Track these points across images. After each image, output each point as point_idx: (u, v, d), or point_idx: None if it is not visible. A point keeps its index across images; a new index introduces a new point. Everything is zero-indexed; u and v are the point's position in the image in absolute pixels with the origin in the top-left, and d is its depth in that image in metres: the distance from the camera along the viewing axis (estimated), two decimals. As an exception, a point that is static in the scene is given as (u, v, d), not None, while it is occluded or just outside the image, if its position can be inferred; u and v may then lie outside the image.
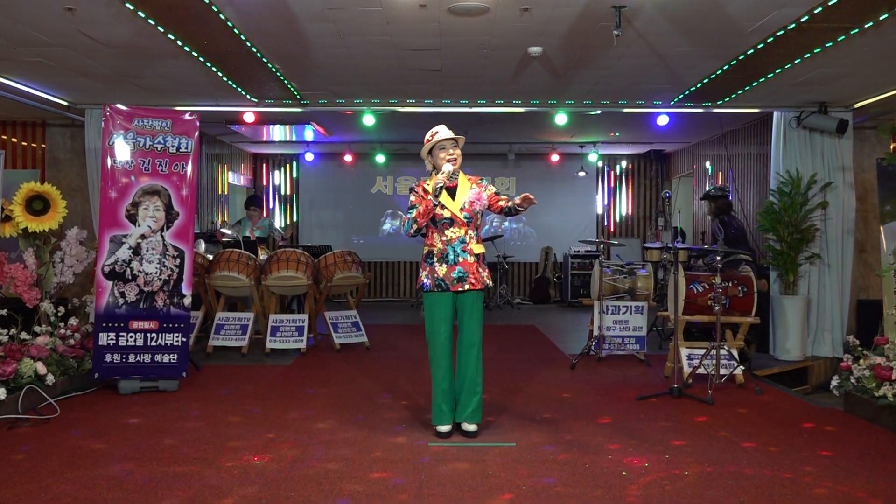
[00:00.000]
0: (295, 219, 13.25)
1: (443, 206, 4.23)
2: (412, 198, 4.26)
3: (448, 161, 4.20)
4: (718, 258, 5.60)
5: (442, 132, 4.25)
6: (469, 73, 6.73)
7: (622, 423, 4.61)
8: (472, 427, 4.25)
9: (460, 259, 4.21)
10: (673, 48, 5.81)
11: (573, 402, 5.24)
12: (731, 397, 5.46)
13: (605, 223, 13.25)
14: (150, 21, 5.09)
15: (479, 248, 4.27)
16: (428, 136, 4.27)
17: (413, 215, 4.17)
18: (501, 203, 4.22)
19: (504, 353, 7.42)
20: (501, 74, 6.79)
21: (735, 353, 5.83)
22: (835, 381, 5.15)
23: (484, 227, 12.60)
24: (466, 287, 4.21)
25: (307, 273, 7.29)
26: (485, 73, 6.76)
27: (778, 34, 5.25)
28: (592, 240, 7.32)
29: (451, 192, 4.27)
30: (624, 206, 13.28)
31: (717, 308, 5.53)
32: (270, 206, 13.13)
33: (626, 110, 8.10)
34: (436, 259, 4.25)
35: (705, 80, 6.82)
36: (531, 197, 4.10)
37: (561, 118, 8.40)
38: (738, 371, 5.83)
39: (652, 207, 13.21)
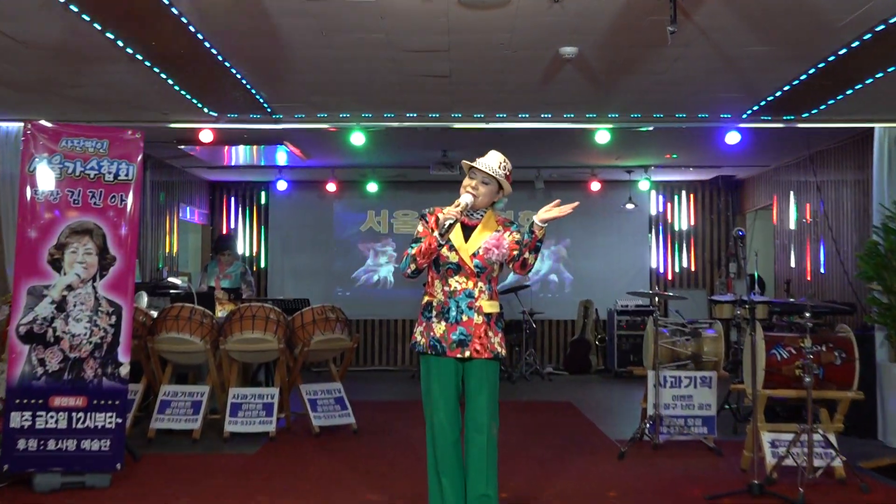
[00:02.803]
0: (263, 264, 13.34)
1: (451, 248, 4.27)
2: (420, 228, 4.33)
3: (468, 192, 4.27)
4: (808, 314, 5.57)
5: (488, 158, 4.31)
6: (485, 79, 6.84)
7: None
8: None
9: (464, 317, 4.25)
10: (744, 48, 5.90)
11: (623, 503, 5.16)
12: (828, 497, 5.37)
13: (661, 270, 13.26)
14: (84, 17, 5.20)
15: (490, 307, 4.30)
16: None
17: (414, 251, 4.23)
18: (515, 251, 4.21)
19: (531, 438, 7.37)
20: (526, 81, 6.89)
21: (833, 440, 5.77)
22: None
23: (506, 279, 12.67)
24: (468, 354, 4.24)
25: (278, 335, 7.30)
26: (505, 80, 6.87)
27: (877, 29, 5.31)
28: (645, 291, 7.44)
29: (468, 231, 4.32)
30: (685, 249, 13.33)
31: (809, 380, 5.50)
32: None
33: (685, 125, 8.19)
34: (434, 313, 4.30)
35: (786, 88, 6.90)
36: (560, 207, 4.11)
37: (602, 136, 8.47)
38: (838, 462, 5.77)
39: (721, 250, 13.22)
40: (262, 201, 13.38)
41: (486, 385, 4.24)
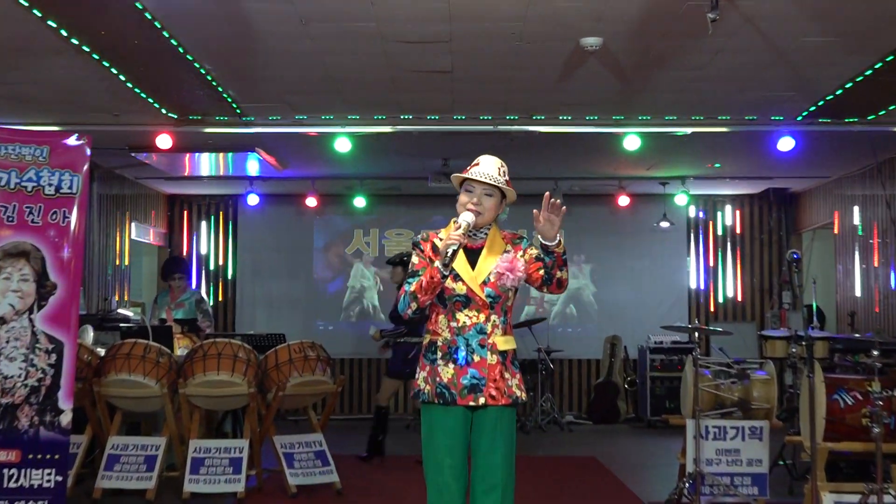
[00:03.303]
0: (230, 293, 13.26)
1: (456, 277, 4.24)
2: (414, 259, 4.33)
3: (468, 209, 4.25)
4: (876, 352, 5.56)
5: (482, 165, 4.32)
6: (493, 75, 6.88)
7: None
8: None
9: (476, 357, 4.23)
10: (798, 38, 5.94)
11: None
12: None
13: (702, 300, 13.25)
14: (21, 1, 5.20)
15: (506, 343, 4.29)
16: (470, 164, 4.38)
17: (412, 288, 4.20)
18: (541, 271, 4.23)
19: (549, 502, 7.31)
20: (541, 78, 6.94)
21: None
22: None
23: (523, 310, 12.64)
24: (482, 401, 4.21)
25: (248, 376, 7.30)
26: (516, 77, 6.90)
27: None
28: (682, 325, 7.36)
29: (472, 255, 4.31)
30: (730, 275, 13.30)
31: (878, 430, 5.47)
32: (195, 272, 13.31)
33: (729, 129, 8.24)
34: (440, 355, 4.27)
35: (848, 86, 6.93)
36: (549, 208, 4.08)
37: (632, 142, 8.50)
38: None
39: (773, 276, 13.22)
40: (230, 218, 13.32)
41: (502, 437, 4.22)
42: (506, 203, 4.36)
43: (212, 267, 13.33)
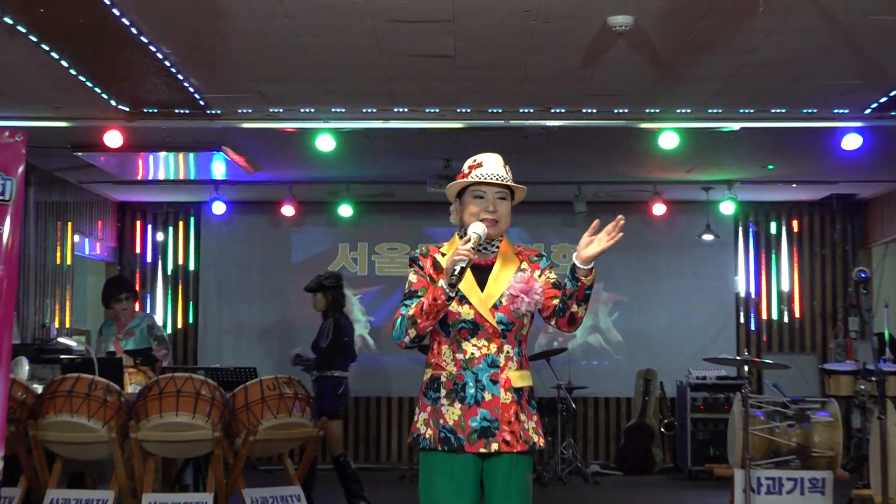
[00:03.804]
0: (191, 319, 13.19)
1: (462, 300, 4.21)
2: (412, 277, 4.32)
3: (483, 219, 4.24)
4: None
5: (488, 164, 4.31)
6: (504, 60, 6.88)
7: None
8: None
9: (486, 396, 4.20)
10: (866, 17, 5.92)
11: None
12: None
13: (753, 326, 13.18)
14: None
15: (522, 379, 4.28)
16: (466, 166, 4.36)
17: (411, 312, 4.18)
18: (556, 300, 4.21)
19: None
20: (562, 64, 6.94)
21: None
22: None
23: (537, 339, 12.61)
24: (495, 447, 4.18)
25: (212, 418, 7.28)
26: (532, 62, 6.90)
27: None
28: (730, 357, 7.46)
29: (481, 273, 4.30)
30: (786, 297, 13.27)
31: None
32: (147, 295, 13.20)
33: (784, 124, 8.25)
34: (444, 392, 4.25)
35: (925, 73, 6.94)
36: (606, 230, 4.01)
37: (669, 139, 8.51)
38: None
39: (837, 298, 13.17)
40: (192, 230, 13.24)
41: (517, 490, 4.20)
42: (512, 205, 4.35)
43: (170, 288, 13.23)
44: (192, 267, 13.32)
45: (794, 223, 13.33)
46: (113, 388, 7.30)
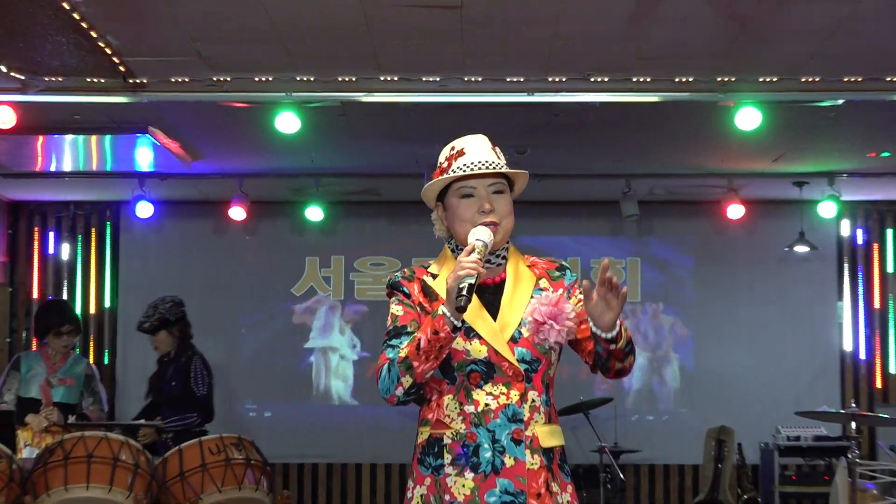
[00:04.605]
0: (106, 359, 12.53)
1: (468, 333, 3.95)
2: (396, 309, 4.09)
3: (482, 223, 3.98)
4: None
5: (472, 149, 4.09)
6: (526, 14, 6.67)
7: None
8: None
9: (508, 461, 3.94)
10: None
11: None
12: None
13: (863, 370, 12.47)
14: None
15: (552, 436, 4.03)
16: (443, 157, 4.13)
17: (402, 354, 3.91)
18: (593, 344, 4.03)
19: None
20: (604, 18, 6.72)
21: None
22: None
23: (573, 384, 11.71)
24: (521, 531, 4.00)
25: (135, 492, 7.37)
26: (564, 16, 6.63)
27: None
28: (832, 411, 7.79)
29: (489, 295, 4.06)
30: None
31: None
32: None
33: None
34: (449, 459, 3.97)
35: None
36: (613, 281, 3.80)
37: (748, 117, 8.06)
38: None
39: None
40: (108, 239, 12.64)
41: None
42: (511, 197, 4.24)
43: (78, 313, 12.20)
44: (107, 289, 12.64)
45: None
46: (1, 452, 7.25)
